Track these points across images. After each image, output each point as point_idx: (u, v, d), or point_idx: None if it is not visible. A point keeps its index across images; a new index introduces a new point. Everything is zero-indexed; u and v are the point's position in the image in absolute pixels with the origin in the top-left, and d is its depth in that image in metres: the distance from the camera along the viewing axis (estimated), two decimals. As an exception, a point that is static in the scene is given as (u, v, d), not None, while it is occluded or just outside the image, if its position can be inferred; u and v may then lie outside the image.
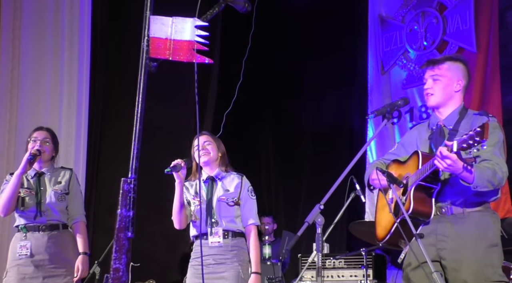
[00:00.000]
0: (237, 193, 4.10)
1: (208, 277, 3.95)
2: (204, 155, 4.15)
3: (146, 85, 3.09)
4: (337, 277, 5.82)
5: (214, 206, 4.07)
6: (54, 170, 4.53)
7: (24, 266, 4.32)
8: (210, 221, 4.04)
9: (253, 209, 4.11)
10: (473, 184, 3.16)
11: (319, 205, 3.03)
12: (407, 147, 3.60)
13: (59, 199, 4.42)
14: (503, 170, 3.25)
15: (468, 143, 2.97)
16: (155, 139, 5.76)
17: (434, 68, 3.50)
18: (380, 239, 3.51)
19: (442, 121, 3.51)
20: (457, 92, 3.51)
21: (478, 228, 3.31)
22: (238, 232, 4.06)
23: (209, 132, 4.37)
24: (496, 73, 7.44)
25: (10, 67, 6.01)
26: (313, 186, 8.18)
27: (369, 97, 8.58)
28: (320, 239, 3.02)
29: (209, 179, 4.16)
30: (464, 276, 3.26)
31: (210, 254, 4.01)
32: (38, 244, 4.34)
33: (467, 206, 3.34)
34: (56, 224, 4.40)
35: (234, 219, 4.06)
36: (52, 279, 4.32)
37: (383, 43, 8.62)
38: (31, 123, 6.00)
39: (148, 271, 5.61)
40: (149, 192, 5.60)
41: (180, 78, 5.96)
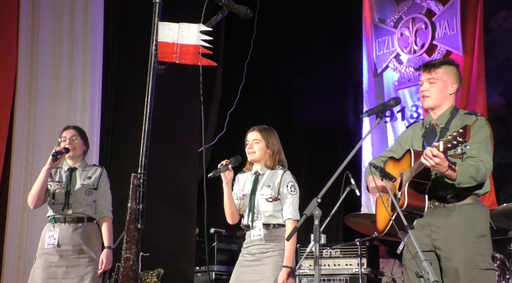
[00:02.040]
0: (277, 188, 4.01)
1: (251, 264, 3.97)
2: (250, 154, 4.09)
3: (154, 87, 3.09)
4: (333, 266, 5.81)
5: (256, 201, 4.02)
6: (87, 166, 4.55)
7: (51, 255, 4.32)
8: (251, 215, 4.01)
9: (292, 204, 3.98)
10: (457, 180, 3.20)
11: (317, 199, 3.03)
12: (404, 144, 3.62)
13: (87, 193, 4.42)
14: (486, 166, 3.27)
15: (452, 143, 2.99)
16: (163, 137, 5.74)
17: (431, 71, 3.51)
18: (380, 231, 3.53)
19: (434, 120, 3.52)
20: (451, 94, 3.54)
21: (469, 220, 3.33)
22: (278, 224, 3.99)
23: (261, 128, 4.16)
24: (481, 75, 7.44)
25: (29, 62, 6.01)
26: (310, 181, 8.17)
27: (364, 98, 8.58)
28: (317, 230, 3.02)
29: (255, 174, 4.10)
30: (455, 265, 3.28)
31: (255, 244, 4.00)
32: (64, 234, 4.35)
33: (458, 198, 3.37)
34: (81, 217, 4.40)
35: (274, 213, 3.98)
36: (74, 268, 4.31)
37: (376, 47, 8.62)
38: (48, 118, 6.01)
39: (157, 260, 5.61)
40: (158, 186, 5.59)
41: (187, 80, 5.96)
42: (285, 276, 3.86)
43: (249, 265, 3.98)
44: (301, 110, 8.69)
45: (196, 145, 6.47)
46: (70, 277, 4.28)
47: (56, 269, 4.30)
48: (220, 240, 6.10)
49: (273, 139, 4.13)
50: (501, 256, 5.16)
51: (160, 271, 5.51)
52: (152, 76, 3.07)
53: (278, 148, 4.14)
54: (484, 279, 3.28)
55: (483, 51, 7.54)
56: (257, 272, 3.93)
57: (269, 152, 4.09)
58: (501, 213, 5.37)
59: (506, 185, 7.42)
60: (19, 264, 5.54)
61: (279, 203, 4.01)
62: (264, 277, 3.89)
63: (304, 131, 8.67)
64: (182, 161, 6.33)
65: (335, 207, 5.03)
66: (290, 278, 3.89)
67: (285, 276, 3.86)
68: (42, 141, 5.78)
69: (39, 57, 6.07)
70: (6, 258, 5.55)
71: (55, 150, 4.31)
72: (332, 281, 5.74)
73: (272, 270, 3.89)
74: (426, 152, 3.11)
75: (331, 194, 3.38)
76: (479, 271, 3.27)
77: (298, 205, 4.02)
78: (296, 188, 4.07)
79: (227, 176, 3.98)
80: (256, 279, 3.91)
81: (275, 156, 4.11)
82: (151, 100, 3.11)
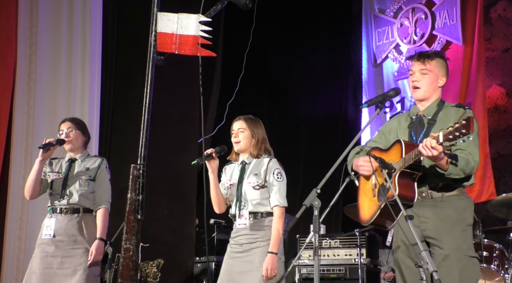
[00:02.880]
0: (263, 176, 3.99)
1: (240, 255, 3.94)
2: (235, 143, 4.08)
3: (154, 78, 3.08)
4: (333, 256, 5.83)
5: (243, 189, 4.01)
6: (87, 157, 4.55)
7: (47, 245, 4.35)
8: (238, 204, 3.99)
9: (278, 191, 3.96)
10: (448, 171, 3.22)
11: (316, 189, 3.04)
12: (387, 135, 3.63)
13: (82, 184, 4.42)
14: (475, 159, 3.31)
15: (455, 134, 2.99)
16: (163, 128, 5.74)
17: (425, 62, 3.51)
18: (364, 221, 3.54)
19: (422, 112, 3.54)
20: (440, 87, 3.56)
21: (456, 211, 3.38)
22: (266, 212, 3.96)
23: (247, 117, 4.14)
24: (481, 65, 7.44)
25: (28, 53, 5.99)
26: (310, 172, 8.19)
27: (363, 88, 8.58)
28: (317, 220, 3.02)
29: (242, 163, 4.09)
30: (445, 252, 3.33)
31: (243, 234, 3.97)
32: (60, 225, 4.37)
33: (445, 190, 3.40)
34: (77, 208, 4.41)
35: (261, 201, 3.97)
36: (69, 259, 4.33)
37: (376, 37, 8.61)
38: (48, 109, 6.00)
39: (157, 251, 5.62)
40: (157, 177, 5.59)
41: (186, 71, 5.95)
42: (270, 261, 3.82)
43: (238, 256, 3.95)
44: (301, 100, 8.69)
45: (195, 136, 6.47)
46: (64, 268, 4.30)
47: (52, 259, 4.32)
48: (219, 231, 6.11)
49: (258, 129, 4.12)
50: (500, 246, 5.18)
51: (160, 262, 5.53)
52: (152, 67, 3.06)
53: (263, 137, 4.12)
54: (472, 266, 3.35)
55: (483, 41, 7.54)
56: (246, 263, 3.90)
57: (254, 141, 4.08)
58: (500, 203, 5.39)
59: (506, 175, 7.44)
60: (19, 255, 5.55)
61: (266, 190, 3.99)
62: (253, 268, 3.87)
63: (303, 122, 8.67)
64: (182, 152, 6.33)
65: (334, 197, 5.03)
66: (276, 263, 3.85)
67: (270, 261, 3.82)
68: (41, 132, 5.77)
69: (38, 48, 6.06)
70: (6, 249, 5.57)
71: (44, 142, 4.33)
72: (332, 271, 5.76)
73: (261, 260, 3.86)
74: (426, 142, 3.12)
75: (330, 184, 3.37)
76: (468, 258, 3.34)
77: (285, 192, 4.00)
78: (283, 174, 4.05)
79: (212, 165, 3.96)
80: (246, 271, 3.88)
81: (260, 145, 4.09)
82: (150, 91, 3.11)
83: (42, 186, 4.44)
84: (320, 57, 8.52)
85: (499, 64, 7.66)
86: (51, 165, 4.51)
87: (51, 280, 4.28)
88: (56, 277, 4.28)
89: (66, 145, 4.47)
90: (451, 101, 3.85)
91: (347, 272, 5.71)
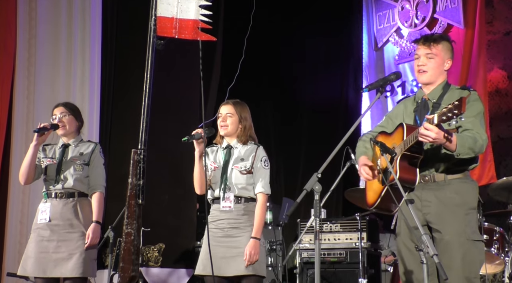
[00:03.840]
0: (250, 162, 3.99)
1: (223, 240, 3.92)
2: (222, 127, 4.07)
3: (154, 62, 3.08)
4: (334, 240, 5.84)
5: (228, 172, 4.00)
6: (81, 142, 4.56)
7: (43, 230, 4.37)
8: (223, 186, 3.98)
9: (264, 178, 3.98)
10: (456, 151, 3.19)
11: (317, 174, 3.03)
12: (394, 119, 3.62)
13: (77, 169, 4.43)
14: (483, 138, 3.29)
15: (447, 115, 3.00)
16: (163, 113, 5.74)
17: (431, 46, 3.49)
18: (370, 204, 3.55)
19: (426, 95, 3.52)
20: (446, 71, 3.55)
21: (458, 194, 3.36)
22: (250, 198, 3.97)
23: (235, 101, 4.13)
24: (482, 48, 7.41)
25: (27, 37, 5.98)
26: (311, 156, 8.19)
27: (364, 73, 8.56)
28: (317, 205, 3.02)
29: (227, 147, 4.08)
30: (447, 237, 3.32)
31: (224, 218, 3.95)
32: (55, 210, 4.38)
33: (448, 173, 3.39)
34: (72, 192, 4.42)
35: (246, 186, 3.97)
36: (65, 243, 4.34)
37: (377, 21, 8.57)
38: (48, 93, 6.00)
39: (158, 235, 5.64)
40: (158, 161, 5.60)
41: (186, 55, 5.93)
42: (253, 246, 3.82)
43: (220, 241, 3.91)
44: (301, 85, 8.67)
45: (196, 120, 6.45)
46: (60, 251, 4.32)
47: (47, 243, 4.33)
48: (220, 215, 6.12)
49: (245, 114, 4.10)
50: (500, 229, 5.20)
51: (161, 246, 5.55)
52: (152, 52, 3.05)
53: (249, 123, 4.11)
54: (475, 249, 3.33)
55: (484, 24, 7.50)
56: (230, 248, 3.88)
57: (241, 127, 4.07)
58: (501, 187, 5.40)
59: (506, 158, 7.44)
60: (21, 239, 5.58)
61: (252, 176, 3.99)
62: (239, 253, 3.85)
63: (304, 106, 8.66)
64: (182, 137, 6.32)
65: (335, 182, 5.04)
66: (258, 249, 3.84)
67: (253, 246, 3.82)
68: (42, 117, 5.76)
69: (38, 33, 6.04)
70: (8, 233, 5.59)
71: (38, 126, 4.34)
72: (332, 255, 5.78)
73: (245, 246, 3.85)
74: (421, 131, 3.12)
75: (331, 169, 3.38)
76: (471, 242, 3.32)
77: (269, 180, 4.02)
78: (269, 163, 4.07)
79: (200, 145, 3.94)
80: (230, 256, 3.86)
81: (248, 131, 4.08)
82: (150, 76, 3.10)
83: (36, 171, 4.45)
84: (320, 41, 8.49)
85: (500, 47, 7.63)
86: (45, 151, 4.52)
87: (47, 264, 4.30)
88: (52, 261, 4.30)
89: (59, 130, 4.47)
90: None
91: (347, 256, 5.73)
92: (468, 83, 7.27)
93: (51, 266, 4.29)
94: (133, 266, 3.08)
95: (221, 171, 4.02)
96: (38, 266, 4.30)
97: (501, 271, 5.15)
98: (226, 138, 4.12)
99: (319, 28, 8.45)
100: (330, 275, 5.77)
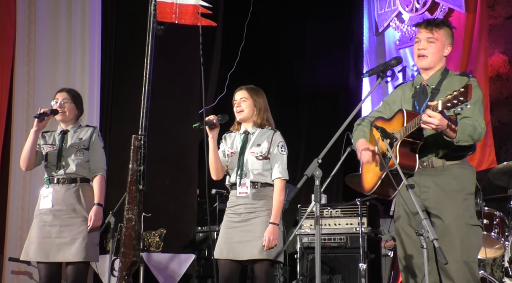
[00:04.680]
0: (266, 148, 4.02)
1: (239, 225, 3.96)
2: (238, 113, 4.10)
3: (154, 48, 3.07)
4: (334, 225, 5.86)
5: (245, 158, 4.02)
6: (79, 128, 4.57)
7: (45, 215, 4.39)
8: (239, 172, 4.01)
9: (281, 163, 4.00)
10: (456, 138, 3.20)
11: (317, 159, 3.04)
12: (392, 104, 3.62)
13: (77, 154, 4.45)
14: (482, 126, 3.30)
15: (453, 102, 2.99)
16: (163, 99, 5.73)
17: (433, 31, 3.48)
18: (367, 190, 3.56)
19: (425, 81, 3.52)
20: (445, 56, 3.54)
21: (456, 179, 3.38)
22: (266, 183, 3.99)
23: (248, 86, 4.17)
24: (483, 33, 7.38)
25: (27, 22, 5.96)
26: (311, 142, 8.19)
27: (365, 58, 8.54)
28: (318, 190, 3.03)
29: (244, 133, 4.11)
30: (446, 222, 3.34)
31: (241, 204, 3.98)
32: (57, 195, 4.40)
33: (447, 159, 3.40)
34: (74, 177, 4.44)
35: (263, 172, 3.99)
36: (67, 227, 4.36)
37: (378, 5, 8.53)
38: (48, 79, 5.99)
39: (159, 221, 5.65)
40: (159, 147, 5.60)
41: (186, 41, 5.91)
42: (271, 232, 3.85)
43: (236, 226, 3.96)
44: (302, 70, 8.65)
45: (196, 106, 6.45)
46: (63, 236, 4.34)
47: (50, 228, 4.36)
48: (221, 201, 6.15)
49: (260, 98, 4.14)
50: (500, 214, 5.21)
51: (162, 231, 5.57)
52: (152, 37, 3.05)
53: (265, 106, 4.15)
54: (473, 234, 3.36)
55: (485, 8, 7.46)
56: (246, 232, 3.92)
57: (256, 110, 4.10)
58: (501, 171, 5.41)
59: (507, 143, 7.44)
60: (22, 225, 5.59)
61: (268, 162, 4.02)
62: (254, 237, 3.89)
63: (304, 92, 8.64)
64: (183, 122, 6.32)
65: (335, 167, 5.05)
66: (277, 234, 3.88)
67: (271, 232, 3.85)
68: (42, 103, 5.75)
69: (37, 18, 6.02)
70: (10, 219, 5.61)
71: (38, 112, 4.35)
72: (333, 240, 5.80)
73: (261, 230, 3.88)
74: (424, 118, 3.12)
75: (331, 154, 3.38)
76: (470, 226, 3.34)
77: (286, 165, 4.04)
78: (286, 148, 4.09)
79: (213, 131, 3.97)
80: (246, 240, 3.90)
81: (263, 114, 4.12)
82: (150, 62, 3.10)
83: (37, 158, 4.47)
84: (321, 26, 8.46)
85: (502, 31, 7.61)
86: (44, 137, 4.54)
87: (50, 249, 4.32)
88: (55, 245, 4.33)
89: (58, 116, 4.49)
90: (452, 69, 3.83)
91: (348, 241, 5.75)
92: (469, 68, 7.25)
93: (54, 250, 4.32)
94: (134, 251, 3.09)
95: (238, 157, 4.05)
96: (41, 251, 4.32)
97: (501, 255, 5.18)
98: (243, 124, 4.15)
99: (320, 13, 8.42)
100: (331, 260, 5.79)
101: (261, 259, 3.87)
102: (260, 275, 3.89)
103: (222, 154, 4.12)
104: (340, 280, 5.75)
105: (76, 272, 4.32)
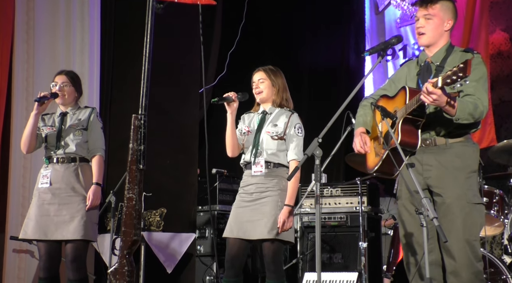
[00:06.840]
0: (283, 128, 4.03)
1: (250, 204, 3.97)
2: (257, 94, 4.12)
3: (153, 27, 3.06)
4: (334, 204, 5.88)
5: (260, 137, 4.03)
6: (78, 109, 4.61)
7: (44, 193, 4.42)
8: (254, 151, 4.01)
9: (297, 146, 4.02)
10: (455, 116, 3.18)
11: (318, 139, 3.03)
12: (397, 82, 3.59)
13: (76, 134, 4.48)
14: (484, 104, 3.26)
15: (452, 78, 2.97)
16: (163, 78, 5.71)
17: (428, 7, 3.44)
18: (370, 168, 3.56)
19: (430, 58, 3.49)
20: (447, 31, 3.48)
21: (459, 157, 3.36)
22: (279, 164, 4.00)
23: (266, 67, 4.19)
24: (485, 10, 7.33)
25: (26, 9, 5.92)
26: (311, 121, 8.18)
27: (366, 36, 8.50)
28: (318, 169, 3.04)
29: (262, 113, 4.12)
30: (448, 200, 3.33)
31: (253, 183, 4.00)
32: (57, 174, 4.44)
33: (449, 136, 3.38)
34: (74, 157, 4.47)
35: (277, 152, 4.00)
36: (66, 206, 4.39)
37: (378, -17, 8.47)
38: (47, 57, 5.96)
39: (160, 200, 5.67)
40: (159, 127, 5.60)
41: (186, 19, 5.88)
42: (287, 214, 3.88)
43: (247, 205, 3.98)
44: (302, 49, 8.62)
45: (196, 86, 6.44)
46: (62, 215, 4.37)
47: (48, 206, 4.39)
48: (221, 180, 6.17)
49: (278, 78, 4.15)
50: (500, 192, 5.23)
51: (163, 211, 5.59)
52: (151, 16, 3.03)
53: (284, 86, 4.17)
54: (476, 212, 3.35)
55: (487, -15, 7.41)
56: (256, 211, 3.93)
57: (275, 90, 4.12)
58: (501, 149, 5.42)
59: (507, 121, 7.44)
60: (24, 202, 5.61)
61: (284, 143, 4.03)
62: (263, 216, 3.90)
63: (305, 71, 8.62)
64: (183, 102, 6.31)
65: (336, 146, 5.05)
66: (291, 216, 3.91)
67: (287, 214, 3.88)
68: (42, 81, 5.75)
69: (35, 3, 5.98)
70: (11, 197, 5.62)
71: (38, 95, 4.39)
72: (333, 219, 5.83)
73: (271, 209, 3.90)
74: (423, 88, 3.10)
75: (332, 133, 3.38)
76: (472, 205, 3.33)
77: (302, 147, 4.03)
78: (303, 130, 4.11)
79: (231, 106, 3.99)
80: (256, 219, 3.92)
81: (282, 93, 4.13)
82: (150, 40, 3.09)
83: (37, 140, 4.52)
84: (321, 5, 8.41)
85: (503, 9, 7.56)
86: (44, 120, 4.58)
87: (48, 227, 4.35)
88: (53, 224, 4.35)
89: (58, 99, 4.54)
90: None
91: (348, 219, 5.78)
92: (470, 46, 7.22)
93: (52, 229, 4.35)
94: (135, 230, 3.11)
95: (254, 135, 4.06)
96: (39, 229, 4.35)
97: (500, 233, 5.20)
98: (262, 105, 4.16)
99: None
100: (331, 239, 5.83)
101: (271, 238, 3.89)
102: (268, 254, 3.91)
103: (239, 133, 4.13)
104: (340, 259, 5.79)
105: (75, 250, 4.35)
